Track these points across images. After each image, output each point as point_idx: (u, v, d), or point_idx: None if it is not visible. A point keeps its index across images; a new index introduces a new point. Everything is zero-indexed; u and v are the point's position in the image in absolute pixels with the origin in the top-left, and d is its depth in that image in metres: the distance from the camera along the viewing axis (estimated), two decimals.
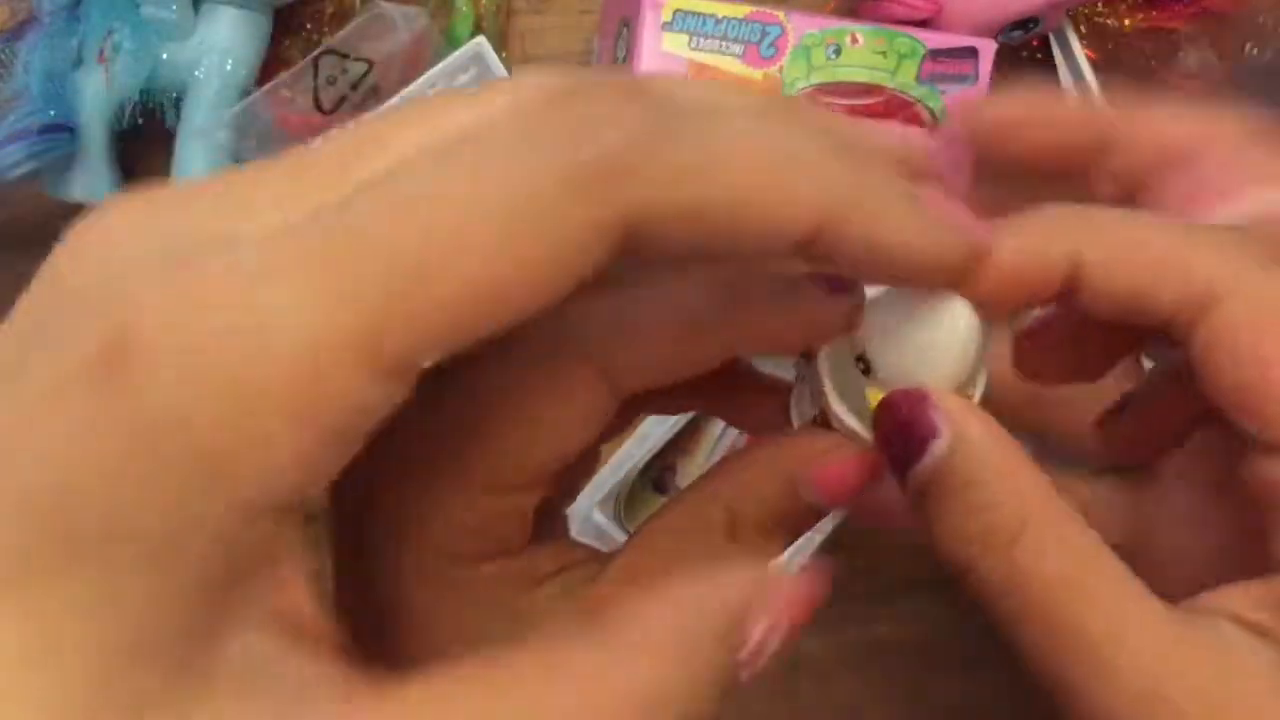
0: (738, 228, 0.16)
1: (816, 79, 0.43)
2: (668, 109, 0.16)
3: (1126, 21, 0.49)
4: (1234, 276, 0.20)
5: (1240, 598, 0.20)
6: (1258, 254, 0.21)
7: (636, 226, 0.15)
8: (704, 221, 0.16)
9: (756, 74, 0.43)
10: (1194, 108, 0.27)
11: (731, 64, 0.43)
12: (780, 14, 0.43)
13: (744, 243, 0.17)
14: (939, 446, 0.20)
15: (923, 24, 0.46)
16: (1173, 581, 0.21)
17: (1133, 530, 0.25)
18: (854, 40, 0.43)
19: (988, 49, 0.44)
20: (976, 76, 0.43)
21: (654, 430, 0.46)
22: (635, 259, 0.16)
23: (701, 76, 0.42)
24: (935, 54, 0.43)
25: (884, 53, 0.43)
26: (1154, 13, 0.49)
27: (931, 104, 0.43)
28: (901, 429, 0.20)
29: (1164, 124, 0.26)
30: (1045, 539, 0.20)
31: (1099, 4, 0.49)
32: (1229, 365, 0.20)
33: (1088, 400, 0.26)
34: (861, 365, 0.21)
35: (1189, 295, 0.20)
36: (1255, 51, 0.50)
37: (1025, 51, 0.50)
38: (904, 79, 0.43)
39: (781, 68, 0.43)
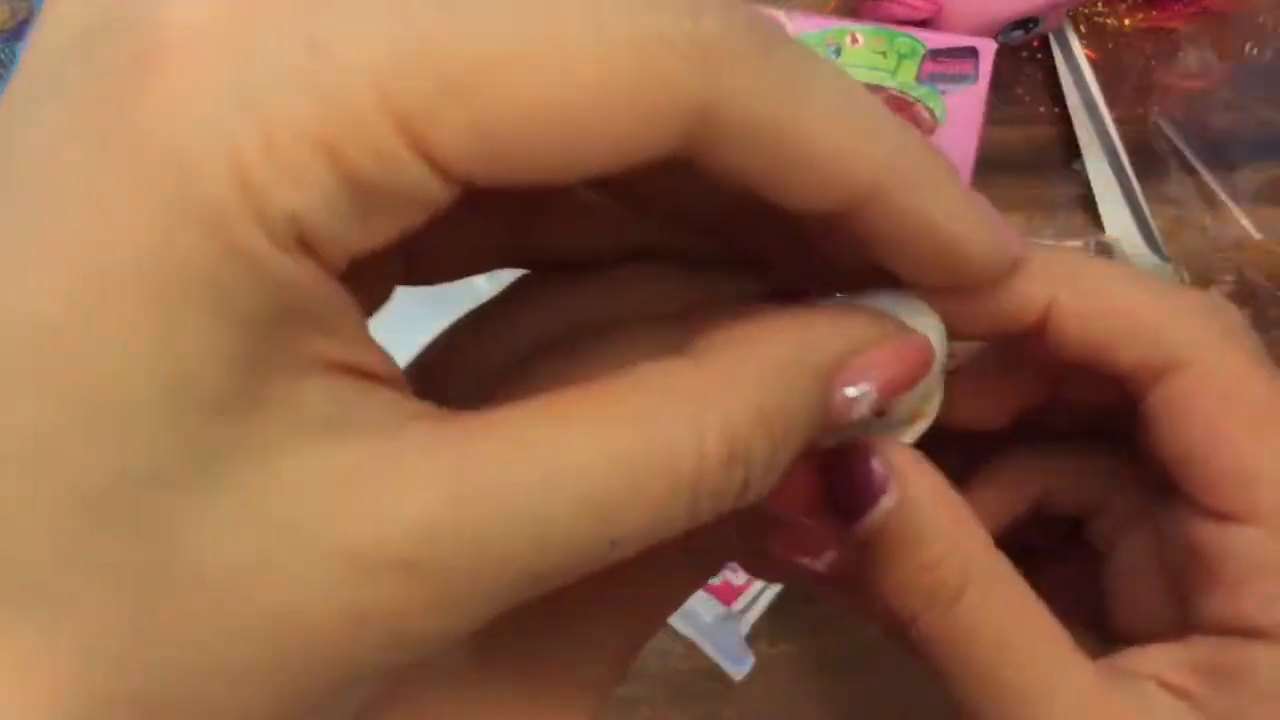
0: (802, 165, 0.16)
1: None
2: (770, 30, 0.16)
3: (1126, 21, 0.49)
4: (1195, 345, 0.21)
5: (1162, 659, 0.21)
6: (1224, 324, 0.22)
7: (710, 121, 0.15)
8: (774, 144, 0.16)
9: None
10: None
11: None
12: (780, 13, 0.43)
13: (800, 184, 0.16)
14: (886, 501, 0.20)
15: (923, 24, 0.46)
16: (1129, 643, 0.22)
17: (1093, 599, 0.25)
18: (854, 40, 0.43)
19: (988, 49, 0.44)
20: (976, 76, 0.43)
21: None
22: (677, 180, 0.16)
23: None
24: (935, 54, 0.43)
25: (884, 53, 0.43)
26: (1154, 12, 0.49)
27: (931, 104, 0.43)
28: (849, 482, 0.20)
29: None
30: (986, 597, 0.20)
31: (1099, 4, 0.49)
32: (1180, 431, 0.21)
33: None
34: None
35: (1151, 357, 0.21)
36: (1255, 51, 0.50)
37: (1025, 51, 0.50)
38: (904, 79, 0.43)
39: None
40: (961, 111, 0.43)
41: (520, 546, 0.14)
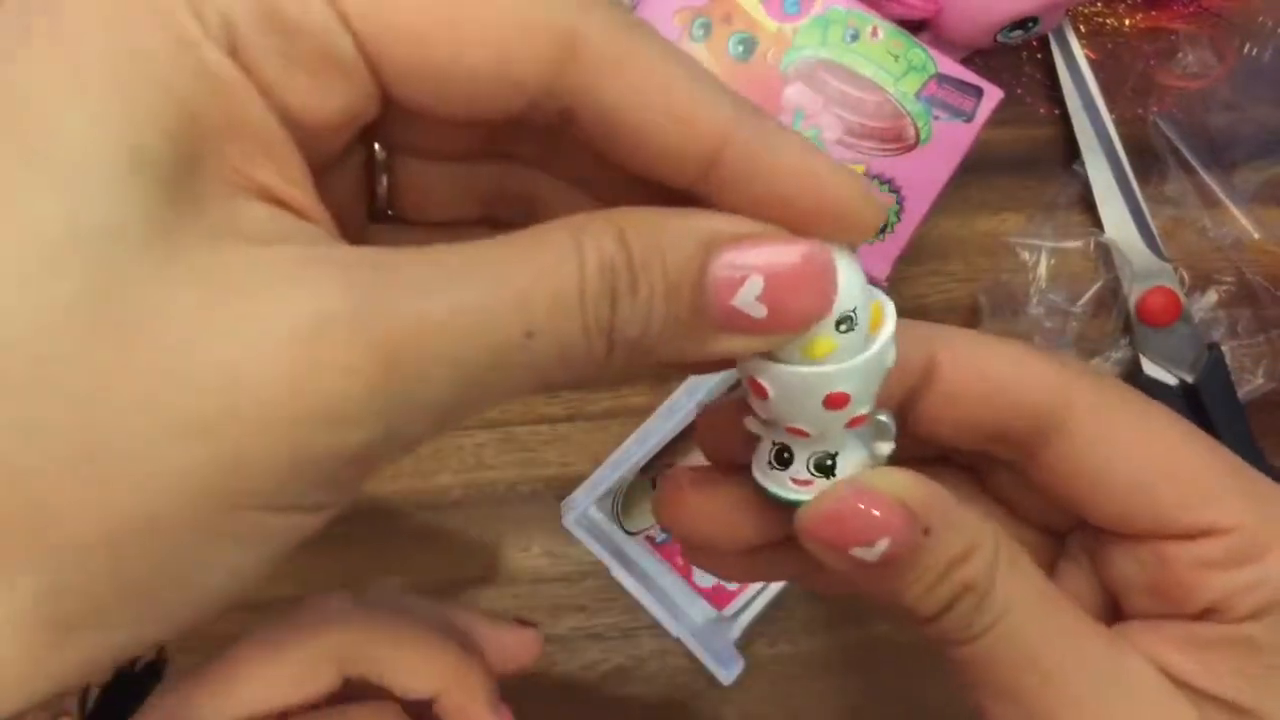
0: (661, 107, 0.18)
1: (825, 54, 0.43)
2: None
3: (1126, 21, 0.49)
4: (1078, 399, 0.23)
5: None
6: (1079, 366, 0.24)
7: (578, 50, 0.17)
8: (635, 80, 0.18)
9: (772, 25, 0.43)
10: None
11: (754, 5, 0.43)
12: None
13: (662, 132, 0.18)
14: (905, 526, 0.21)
15: (921, 24, 0.46)
16: None
17: None
18: (874, 33, 0.43)
19: (993, 95, 0.43)
20: (973, 117, 0.43)
21: (655, 429, 0.46)
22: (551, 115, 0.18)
23: (717, 9, 0.42)
24: (943, 79, 0.43)
25: (897, 56, 0.43)
26: (1153, 13, 0.49)
27: (921, 123, 0.43)
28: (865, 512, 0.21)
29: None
30: (1020, 586, 0.22)
31: (1098, 4, 0.49)
32: (1115, 467, 0.23)
33: None
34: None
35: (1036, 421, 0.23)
36: (1254, 51, 0.50)
37: (1025, 52, 0.50)
38: (905, 89, 0.43)
39: (797, 29, 0.43)
40: (946, 141, 0.43)
41: (440, 329, 0.16)
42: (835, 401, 0.20)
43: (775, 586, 0.47)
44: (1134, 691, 0.22)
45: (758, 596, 0.47)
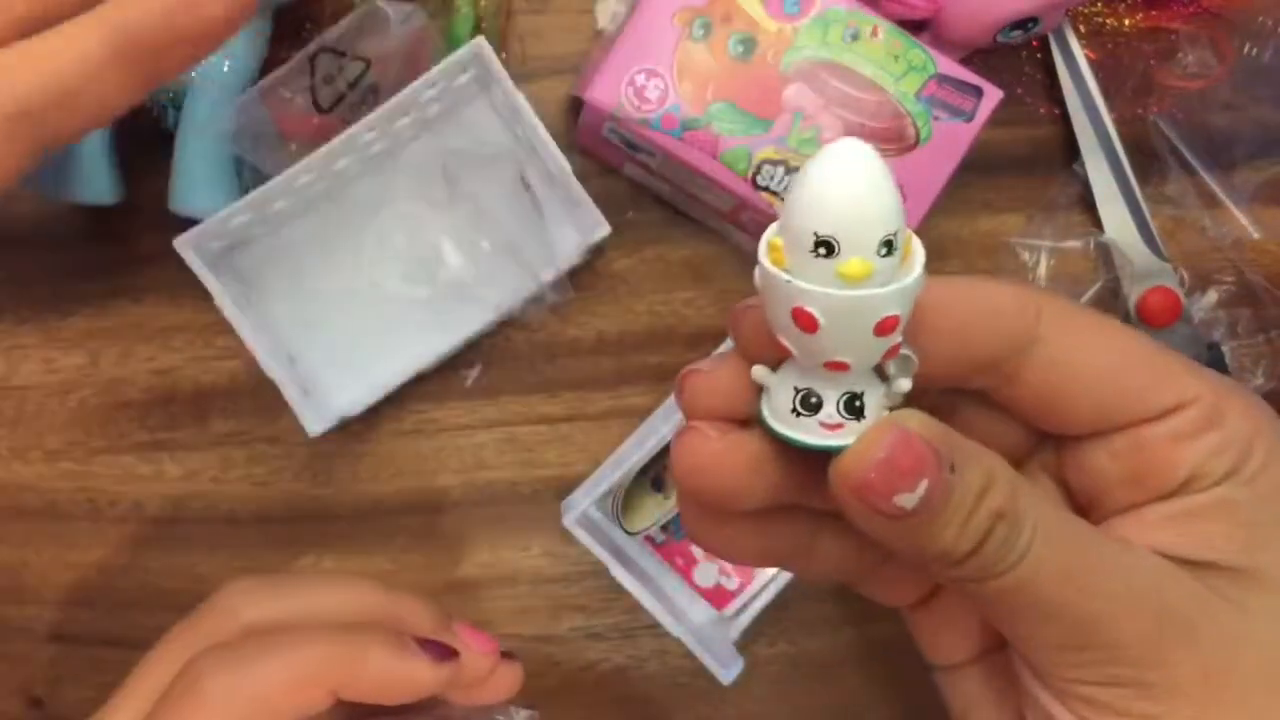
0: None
1: (825, 55, 0.43)
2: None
3: (1126, 21, 0.49)
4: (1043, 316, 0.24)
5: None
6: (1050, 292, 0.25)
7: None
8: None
9: (772, 25, 0.43)
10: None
11: (754, 5, 0.43)
12: None
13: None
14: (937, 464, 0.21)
15: (921, 24, 0.46)
16: None
17: None
18: (874, 33, 0.43)
19: (993, 95, 0.43)
20: (973, 116, 0.43)
21: (655, 429, 0.46)
22: None
23: (717, 9, 0.42)
24: (943, 78, 0.43)
25: (897, 56, 0.43)
26: (1153, 12, 0.49)
27: (921, 124, 0.43)
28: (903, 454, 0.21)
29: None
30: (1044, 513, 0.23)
31: (1098, 4, 0.49)
32: (1087, 370, 0.24)
33: None
34: (823, 250, 0.19)
35: (1016, 341, 0.24)
36: (1254, 51, 0.50)
37: (1025, 52, 0.50)
38: (905, 89, 0.43)
39: (798, 29, 0.43)
40: (946, 141, 0.43)
41: None
42: (886, 327, 0.20)
43: (775, 586, 0.47)
44: (1152, 581, 0.23)
45: (758, 596, 0.47)
